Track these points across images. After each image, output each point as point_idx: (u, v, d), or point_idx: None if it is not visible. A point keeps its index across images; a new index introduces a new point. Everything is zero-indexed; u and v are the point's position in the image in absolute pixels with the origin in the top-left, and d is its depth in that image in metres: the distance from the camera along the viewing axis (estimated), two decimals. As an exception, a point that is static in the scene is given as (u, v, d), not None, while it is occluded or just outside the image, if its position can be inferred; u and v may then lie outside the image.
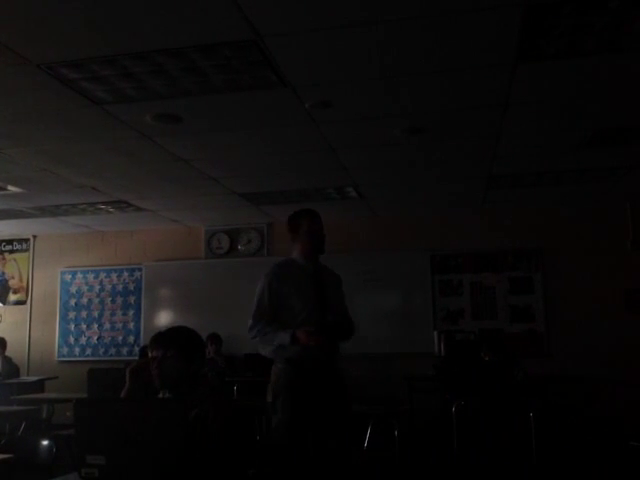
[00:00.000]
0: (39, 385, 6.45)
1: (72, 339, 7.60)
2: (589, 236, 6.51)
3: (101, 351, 7.50)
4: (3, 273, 7.99)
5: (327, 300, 3.18)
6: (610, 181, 5.72)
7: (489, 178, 5.52)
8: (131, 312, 7.48)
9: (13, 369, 6.85)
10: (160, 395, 2.35)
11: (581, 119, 4.11)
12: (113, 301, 7.56)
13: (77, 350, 7.55)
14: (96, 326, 7.56)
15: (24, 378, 6.84)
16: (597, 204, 6.46)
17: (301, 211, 3.29)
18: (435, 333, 6.06)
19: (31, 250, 7.92)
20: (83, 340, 7.56)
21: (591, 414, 4.97)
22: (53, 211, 6.53)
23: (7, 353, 6.91)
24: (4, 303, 7.90)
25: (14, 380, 6.49)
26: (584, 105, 3.87)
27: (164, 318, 7.28)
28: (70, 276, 7.71)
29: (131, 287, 7.53)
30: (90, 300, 7.62)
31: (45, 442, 5.10)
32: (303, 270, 3.20)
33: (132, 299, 7.51)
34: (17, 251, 7.96)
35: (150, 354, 2.32)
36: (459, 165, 5.18)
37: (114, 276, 7.60)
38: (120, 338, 7.48)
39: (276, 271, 3.18)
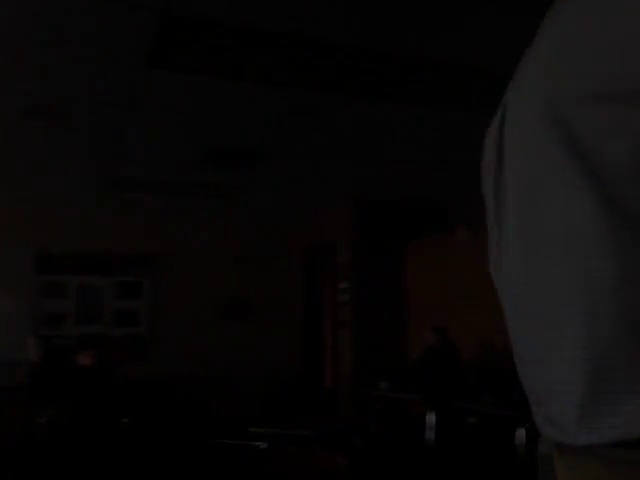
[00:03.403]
0: None
1: None
2: (201, 247, 6.90)
3: None
4: None
5: None
6: (227, 198, 6.12)
7: (106, 179, 5.37)
8: None
9: None
10: None
11: (199, 135, 4.35)
12: None
13: None
14: None
15: None
16: (215, 219, 6.87)
17: None
18: (30, 338, 5.54)
19: None
20: None
21: (177, 414, 5.20)
22: None
23: None
24: None
25: None
26: (202, 123, 4.10)
27: None
28: None
29: None
30: None
31: None
32: None
33: None
34: None
35: None
36: (77, 161, 4.90)
37: None
38: None
39: None
